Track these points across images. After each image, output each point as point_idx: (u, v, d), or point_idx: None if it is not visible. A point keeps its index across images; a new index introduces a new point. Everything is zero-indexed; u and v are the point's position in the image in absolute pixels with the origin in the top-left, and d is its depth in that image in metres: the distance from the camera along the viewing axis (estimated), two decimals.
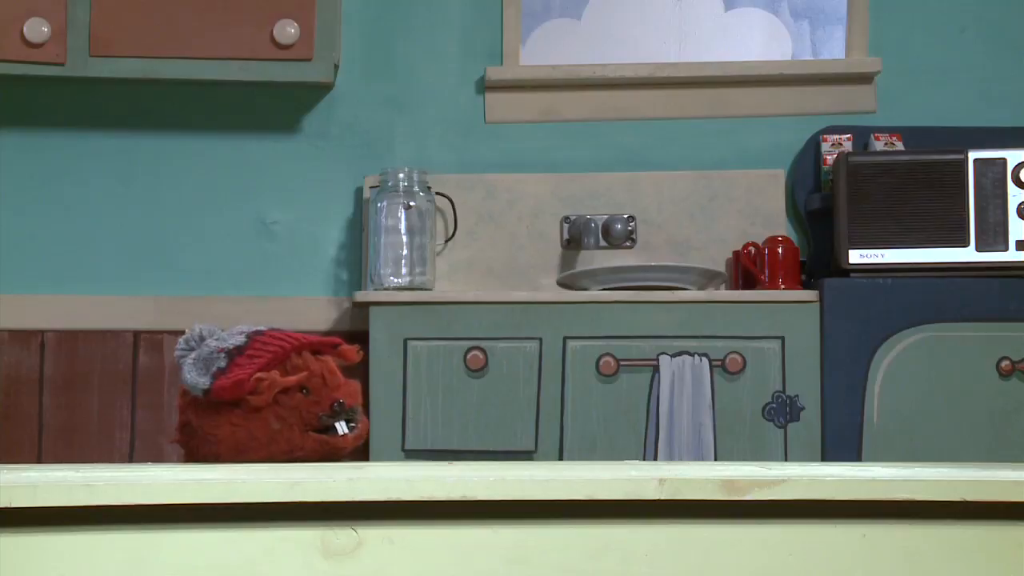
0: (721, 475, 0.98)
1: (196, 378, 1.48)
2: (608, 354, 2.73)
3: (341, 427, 1.47)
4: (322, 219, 3.17)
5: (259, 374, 1.45)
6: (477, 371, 2.74)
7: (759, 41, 3.26)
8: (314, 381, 1.47)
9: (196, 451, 1.52)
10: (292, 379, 1.46)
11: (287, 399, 1.46)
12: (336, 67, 3.14)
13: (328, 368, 1.49)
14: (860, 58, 3.16)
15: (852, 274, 2.75)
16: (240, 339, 1.51)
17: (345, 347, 1.54)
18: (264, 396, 1.45)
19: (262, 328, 1.53)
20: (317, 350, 1.51)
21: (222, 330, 1.56)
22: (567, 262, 3.09)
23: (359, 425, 1.50)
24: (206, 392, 1.46)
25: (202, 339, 1.54)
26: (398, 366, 2.74)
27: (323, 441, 1.46)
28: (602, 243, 3.04)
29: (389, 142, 3.18)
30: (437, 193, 3.04)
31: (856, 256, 2.74)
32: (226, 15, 2.99)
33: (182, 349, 1.54)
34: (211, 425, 1.47)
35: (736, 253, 3.03)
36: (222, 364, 1.48)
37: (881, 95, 3.15)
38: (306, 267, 3.16)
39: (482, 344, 2.75)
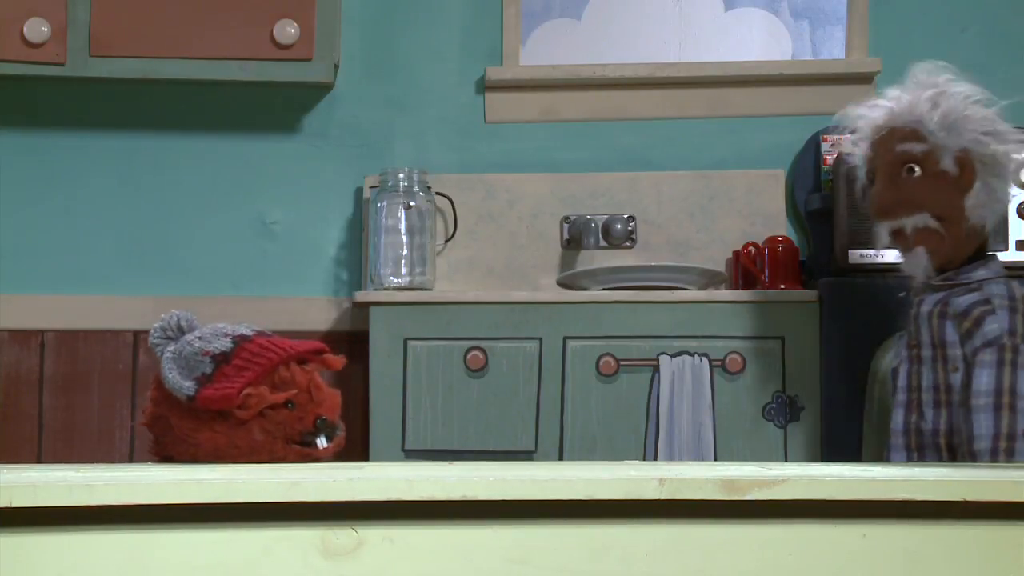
0: (721, 475, 0.98)
1: (180, 380, 1.47)
2: (608, 354, 2.73)
3: (321, 442, 1.49)
4: (322, 219, 3.17)
5: (248, 390, 1.45)
6: (477, 371, 2.74)
7: (759, 41, 3.26)
8: (300, 397, 1.48)
9: (169, 446, 1.52)
10: (279, 397, 1.47)
11: (273, 413, 1.46)
12: (336, 67, 3.14)
13: (314, 383, 1.50)
14: (860, 58, 3.16)
15: (852, 274, 2.75)
16: (226, 344, 1.50)
17: (329, 356, 1.54)
18: (251, 411, 1.45)
19: (246, 332, 1.52)
20: (303, 359, 1.52)
21: (196, 321, 1.55)
22: (567, 262, 3.09)
23: (339, 435, 1.52)
24: (190, 399, 1.46)
25: (180, 329, 1.53)
26: (398, 366, 2.74)
27: (304, 454, 1.48)
28: (602, 243, 3.04)
29: (389, 142, 3.18)
30: (437, 193, 3.04)
31: (856, 256, 2.74)
32: (226, 15, 2.98)
33: (159, 338, 1.53)
34: (190, 428, 1.48)
35: (736, 253, 3.03)
36: (207, 370, 1.47)
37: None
38: (306, 267, 3.16)
39: (482, 344, 2.75)
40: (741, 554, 0.96)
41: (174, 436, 1.50)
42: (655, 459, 2.69)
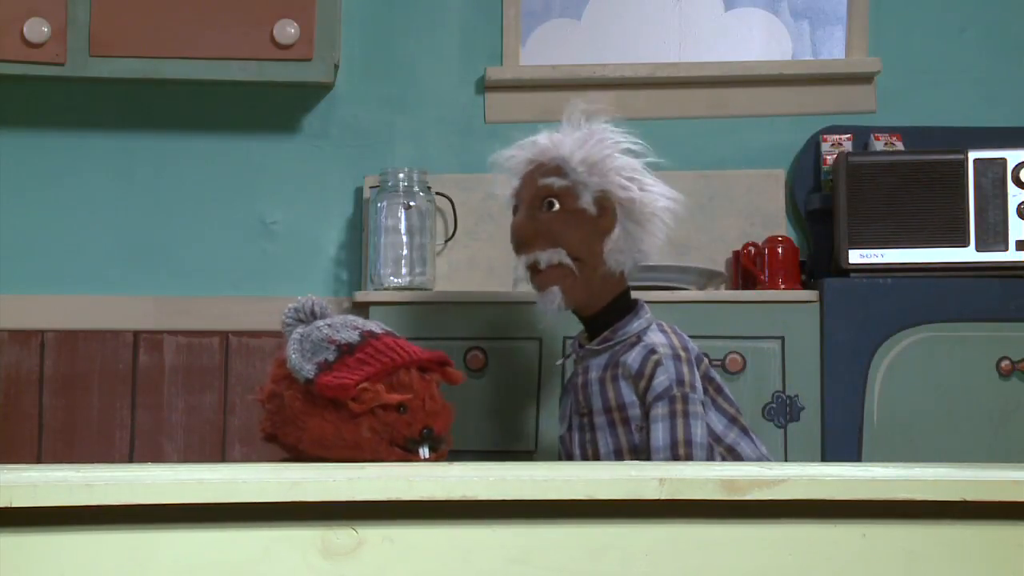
0: (721, 475, 0.98)
1: (301, 363, 1.50)
2: None
3: (424, 452, 1.50)
4: (322, 219, 3.17)
5: (364, 384, 1.47)
6: (477, 371, 2.74)
7: (759, 41, 3.26)
8: (414, 403, 1.49)
9: (278, 424, 1.54)
10: (394, 398, 1.48)
11: (384, 413, 1.48)
12: (336, 67, 3.14)
13: (430, 393, 1.52)
14: (860, 58, 3.16)
15: (852, 274, 2.75)
16: (353, 336, 1.52)
17: (451, 369, 1.56)
18: (364, 406, 1.47)
19: (376, 329, 1.55)
20: (425, 367, 1.53)
21: (329, 310, 1.58)
22: None
23: (442, 449, 1.53)
24: (308, 382, 1.48)
25: (313, 315, 1.56)
26: None
27: (404, 459, 1.49)
28: None
29: (389, 142, 3.18)
30: (437, 193, 3.04)
31: (856, 256, 2.74)
32: (226, 15, 2.98)
33: (291, 319, 1.56)
34: (302, 411, 1.49)
35: (736, 253, 3.03)
36: (330, 357, 1.50)
37: (881, 95, 3.15)
38: (306, 267, 3.16)
39: (482, 344, 2.75)
40: (741, 554, 0.96)
41: (284, 416, 1.52)
42: None
